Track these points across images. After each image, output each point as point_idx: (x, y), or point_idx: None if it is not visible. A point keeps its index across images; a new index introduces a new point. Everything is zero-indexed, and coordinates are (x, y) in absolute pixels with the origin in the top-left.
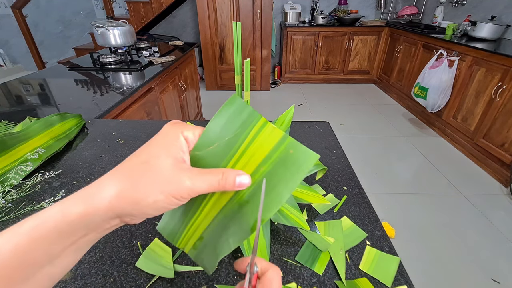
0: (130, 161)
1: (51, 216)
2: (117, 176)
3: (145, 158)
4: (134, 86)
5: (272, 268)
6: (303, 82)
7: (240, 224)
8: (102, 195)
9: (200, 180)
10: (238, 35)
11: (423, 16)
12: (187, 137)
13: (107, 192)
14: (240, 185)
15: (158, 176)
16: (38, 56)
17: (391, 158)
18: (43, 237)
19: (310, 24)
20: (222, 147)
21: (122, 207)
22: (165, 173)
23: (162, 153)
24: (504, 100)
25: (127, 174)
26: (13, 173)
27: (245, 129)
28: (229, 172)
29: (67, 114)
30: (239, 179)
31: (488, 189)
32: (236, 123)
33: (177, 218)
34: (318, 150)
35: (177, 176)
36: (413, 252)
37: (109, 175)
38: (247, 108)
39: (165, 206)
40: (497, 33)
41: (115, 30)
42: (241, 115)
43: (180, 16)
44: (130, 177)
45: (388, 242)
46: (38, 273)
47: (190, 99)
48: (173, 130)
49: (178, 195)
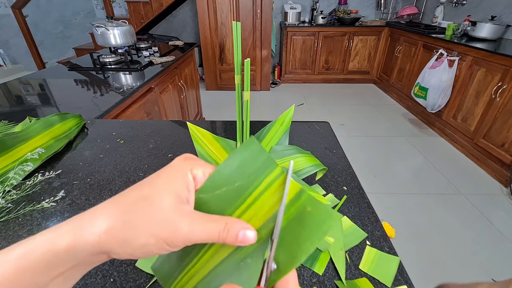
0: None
1: (39, 245)
2: (111, 210)
3: (146, 194)
4: (134, 86)
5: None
6: (303, 82)
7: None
8: (92, 230)
9: (199, 229)
10: (238, 35)
11: (423, 16)
12: (195, 176)
13: (97, 226)
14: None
15: (154, 216)
16: (38, 56)
17: (391, 158)
18: (30, 266)
19: (310, 24)
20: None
21: (109, 244)
22: (163, 214)
23: (166, 190)
24: (504, 100)
25: (122, 209)
26: (13, 173)
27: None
28: (233, 223)
29: (67, 114)
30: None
31: (488, 189)
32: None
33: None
34: (318, 150)
35: (174, 220)
36: (413, 252)
37: (104, 206)
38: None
39: (155, 252)
40: (497, 33)
41: (115, 30)
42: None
43: (180, 16)
44: (125, 213)
45: (388, 242)
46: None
47: (190, 99)
48: (183, 166)
49: (171, 242)
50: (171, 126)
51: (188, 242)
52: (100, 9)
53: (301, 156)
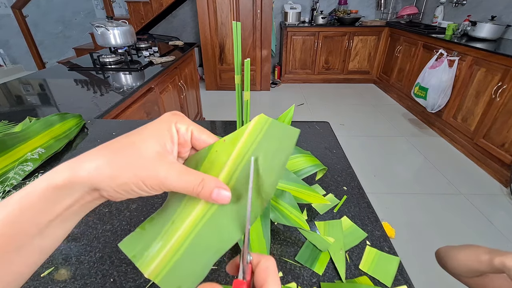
0: (120, 140)
1: (38, 185)
2: (102, 151)
3: (133, 139)
4: (134, 86)
5: (265, 258)
6: (303, 82)
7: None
8: (85, 166)
9: (175, 177)
10: (238, 35)
11: (423, 16)
12: (179, 129)
13: (89, 164)
14: (216, 199)
15: (137, 159)
16: (38, 56)
17: (391, 158)
18: (31, 205)
19: (310, 24)
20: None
21: (98, 180)
22: (145, 158)
23: (151, 138)
24: (504, 100)
25: (112, 151)
26: (13, 173)
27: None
28: (209, 180)
29: (67, 114)
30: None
31: (488, 189)
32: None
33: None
34: (318, 150)
35: (154, 165)
36: (413, 252)
37: (97, 149)
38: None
39: (135, 190)
40: (497, 33)
41: (115, 30)
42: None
43: (180, 16)
44: (113, 153)
45: (388, 242)
46: (29, 244)
47: (190, 99)
48: (169, 119)
49: (149, 184)
50: None
51: (164, 188)
52: (100, 9)
53: (301, 156)
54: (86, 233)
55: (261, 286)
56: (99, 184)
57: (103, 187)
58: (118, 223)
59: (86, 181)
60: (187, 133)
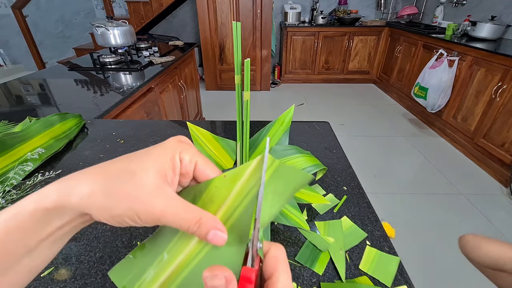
0: (118, 164)
1: (27, 205)
2: (96, 176)
3: (133, 168)
4: (134, 86)
5: (274, 246)
6: (303, 82)
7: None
8: (77, 191)
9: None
10: (238, 35)
11: (423, 16)
12: (182, 159)
13: (81, 189)
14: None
15: (135, 191)
16: (38, 56)
17: (391, 158)
18: (19, 226)
19: (310, 24)
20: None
21: (90, 208)
22: (143, 191)
23: (152, 168)
24: (504, 100)
25: (108, 177)
26: (13, 173)
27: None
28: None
29: (67, 114)
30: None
31: (488, 189)
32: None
33: (140, 264)
34: (318, 150)
35: (152, 199)
36: (413, 252)
37: (91, 171)
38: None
39: (128, 222)
40: (497, 33)
41: (115, 30)
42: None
43: (180, 16)
44: (108, 182)
45: (388, 242)
46: (17, 265)
47: (190, 99)
48: (174, 147)
49: (143, 218)
50: (171, 126)
51: (158, 223)
52: (100, 9)
53: (301, 156)
54: (86, 233)
55: (270, 274)
56: (90, 211)
57: (95, 215)
58: None
59: (77, 206)
60: (190, 164)
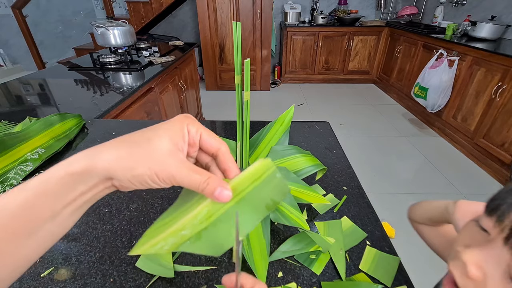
0: (136, 134)
1: (57, 171)
2: (120, 144)
3: (149, 136)
4: (134, 86)
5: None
6: (303, 82)
7: (211, 242)
8: (104, 157)
9: (185, 173)
10: (238, 35)
11: (423, 16)
12: (190, 130)
13: (108, 154)
14: (218, 197)
15: (153, 154)
16: (38, 56)
17: (391, 158)
18: (48, 191)
19: (310, 24)
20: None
21: (115, 170)
22: (160, 153)
23: (165, 136)
24: (504, 100)
25: (129, 144)
26: (13, 173)
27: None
28: (213, 180)
29: (67, 114)
30: (220, 190)
31: (488, 189)
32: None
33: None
34: (318, 150)
35: (167, 160)
36: (413, 252)
37: (114, 142)
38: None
39: (148, 182)
40: (497, 33)
41: (115, 30)
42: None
43: (180, 16)
44: (131, 147)
45: (388, 242)
46: (41, 229)
47: (190, 99)
48: (181, 120)
49: (161, 177)
50: None
51: (174, 182)
52: (100, 9)
53: (301, 156)
54: (86, 233)
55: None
56: (116, 173)
57: (119, 176)
58: (118, 223)
59: (104, 170)
60: (196, 135)
